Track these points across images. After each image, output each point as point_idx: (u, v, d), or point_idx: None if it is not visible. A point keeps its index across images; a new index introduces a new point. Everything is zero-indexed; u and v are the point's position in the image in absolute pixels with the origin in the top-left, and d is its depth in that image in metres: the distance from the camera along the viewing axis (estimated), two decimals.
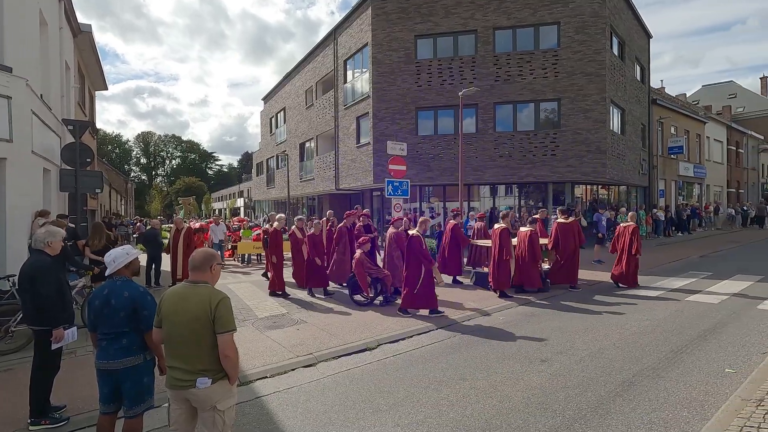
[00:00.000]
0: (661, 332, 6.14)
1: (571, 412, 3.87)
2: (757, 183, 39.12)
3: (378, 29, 17.80)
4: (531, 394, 4.24)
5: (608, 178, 17.40)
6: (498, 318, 7.23)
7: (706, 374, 4.63)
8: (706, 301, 7.94)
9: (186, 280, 2.67)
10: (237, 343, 5.97)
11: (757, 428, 3.29)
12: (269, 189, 32.45)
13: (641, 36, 21.98)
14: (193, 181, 76.65)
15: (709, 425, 3.44)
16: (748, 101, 44.56)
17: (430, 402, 4.16)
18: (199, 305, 2.50)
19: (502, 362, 5.18)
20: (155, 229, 11.29)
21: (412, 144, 16.75)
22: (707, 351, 5.35)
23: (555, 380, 4.57)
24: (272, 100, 32.02)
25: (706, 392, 4.20)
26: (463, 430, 3.63)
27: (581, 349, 5.53)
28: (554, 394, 4.23)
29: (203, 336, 2.50)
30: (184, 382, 2.51)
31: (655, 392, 4.23)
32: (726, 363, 4.94)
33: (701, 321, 6.66)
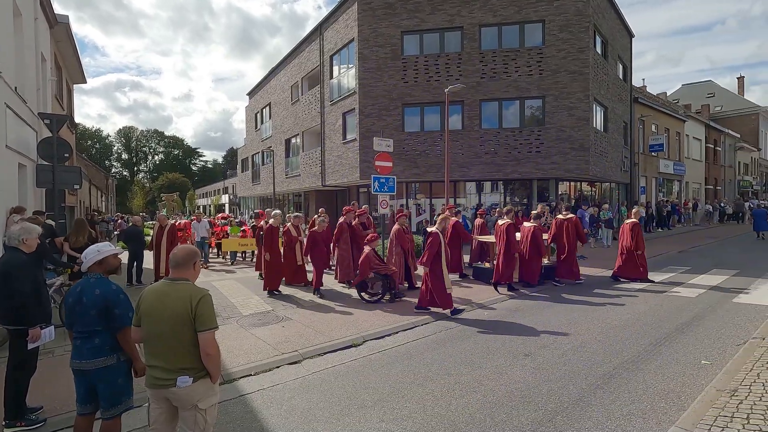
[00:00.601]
0: (641, 325, 6.28)
1: (552, 405, 3.93)
2: (734, 180, 40.26)
3: (364, 25, 17.71)
4: (514, 388, 4.30)
5: (591, 175, 17.69)
6: (483, 313, 7.29)
7: (684, 366, 4.76)
8: (685, 295, 8.14)
9: (166, 278, 2.62)
10: (221, 341, 5.90)
11: (731, 418, 3.39)
12: (254, 185, 32.11)
13: (623, 35, 22.33)
14: (176, 177, 75.37)
15: (685, 416, 3.53)
16: (725, 100, 45.77)
17: (415, 397, 4.18)
18: (180, 303, 2.46)
19: (487, 357, 5.23)
20: (137, 226, 11.08)
21: (399, 140, 16.76)
22: (685, 343, 5.50)
23: (538, 374, 4.64)
24: (257, 95, 31.63)
25: (683, 383, 4.31)
26: (447, 424, 3.66)
27: (564, 343, 5.62)
28: (537, 388, 4.30)
29: (184, 334, 2.45)
30: (164, 381, 2.47)
31: (634, 384, 4.32)
32: (702, 355, 5.08)
33: (679, 314, 6.83)
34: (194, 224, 13.63)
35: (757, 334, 5.48)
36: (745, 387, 3.92)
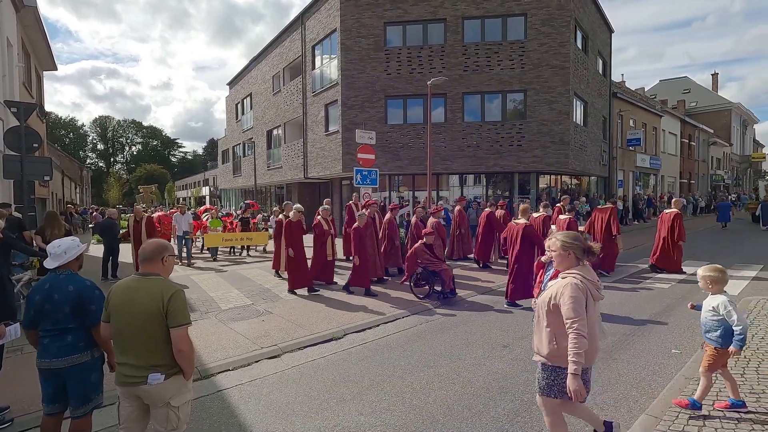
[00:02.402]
0: (614, 317, 6.43)
1: (529, 395, 4.00)
2: (707, 174, 41.53)
3: (347, 15, 17.47)
4: (492, 379, 4.36)
5: (571, 169, 17.97)
6: (464, 304, 7.36)
7: (655, 355, 4.90)
8: (658, 286, 8.38)
9: (136, 273, 2.54)
10: (198, 336, 5.80)
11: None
12: (236, 177, 31.60)
13: (603, 30, 22.63)
14: (155, 169, 73.59)
15: (654, 404, 3.64)
16: (700, 96, 47.03)
17: (394, 390, 4.20)
18: (151, 298, 2.39)
19: (466, 348, 5.29)
20: (112, 219, 10.76)
21: (382, 133, 16.67)
22: (657, 333, 5.66)
23: (515, 365, 4.71)
24: (238, 85, 31.00)
25: (654, 372, 4.45)
26: (425, 416, 3.69)
27: None
28: (514, 378, 4.37)
29: (155, 330, 2.39)
30: (135, 378, 2.40)
31: (608, 373, 4.43)
32: (673, 344, 5.24)
33: (652, 305, 7.03)
34: (176, 217, 12.90)
35: None
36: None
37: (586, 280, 2.61)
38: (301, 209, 8.58)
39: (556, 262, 2.80)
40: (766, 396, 3.63)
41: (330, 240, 8.70)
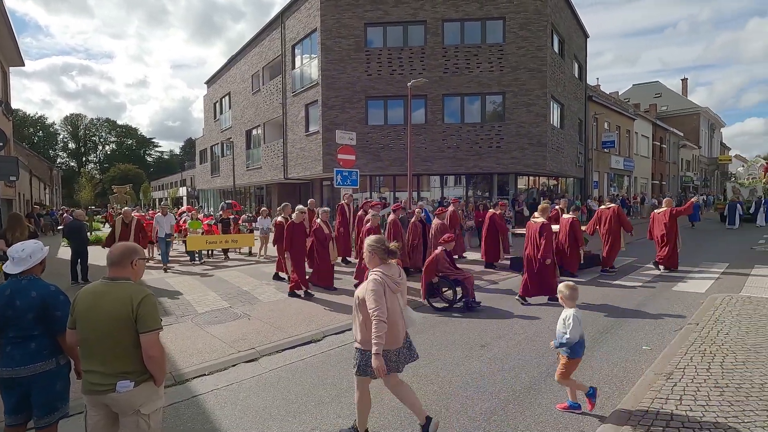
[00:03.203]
0: (590, 314, 6.58)
1: (505, 393, 4.06)
2: (677, 176, 43.04)
3: (327, 14, 17.41)
4: (470, 379, 4.40)
5: (548, 170, 18.35)
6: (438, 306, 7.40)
7: (626, 352, 5.04)
8: (630, 285, 8.62)
9: (103, 277, 2.46)
10: (174, 341, 5.68)
11: (666, 399, 3.62)
12: (214, 177, 31.05)
13: (579, 35, 23.20)
14: (129, 169, 71.53)
15: (625, 399, 3.74)
16: (671, 100, 48.72)
17: (372, 391, 4.15)
18: (119, 303, 2.32)
19: (445, 349, 5.32)
20: (80, 221, 10.40)
21: (362, 133, 16.67)
22: (628, 330, 5.82)
23: (493, 364, 4.77)
24: (216, 84, 30.47)
25: (625, 369, 4.57)
26: (403, 416, 3.70)
27: (519, 333, 5.81)
28: (491, 377, 4.42)
29: (124, 336, 2.32)
30: (103, 386, 2.33)
31: (582, 371, 4.52)
32: (643, 341, 5.40)
33: (625, 303, 7.23)
34: (158, 218, 12.02)
35: (692, 320, 5.89)
36: (680, 370, 4.20)
37: (386, 276, 3.05)
38: (304, 210, 8.26)
39: (365, 261, 3.22)
40: (729, 390, 3.77)
41: (331, 244, 8.56)
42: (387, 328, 2.90)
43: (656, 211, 10.45)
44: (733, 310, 6.15)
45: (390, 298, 3.03)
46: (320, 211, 8.88)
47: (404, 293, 3.27)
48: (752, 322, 5.59)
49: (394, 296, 3.09)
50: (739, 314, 5.96)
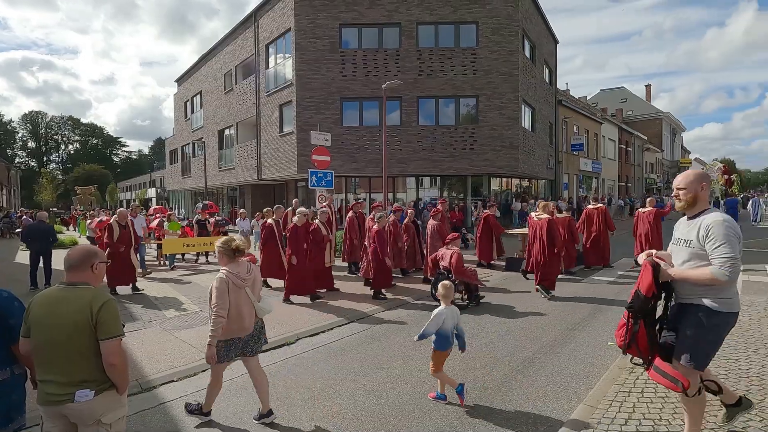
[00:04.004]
0: (559, 312, 6.78)
1: (477, 391, 4.13)
2: (642, 177, 44.85)
3: (301, 14, 17.27)
4: None
5: (521, 172, 18.78)
6: (418, 304, 7.46)
7: (593, 348, 5.22)
8: (598, 283, 8.93)
9: (61, 282, 2.36)
10: (140, 347, 5.50)
11: (629, 392, 3.77)
12: (185, 178, 30.24)
13: (549, 41, 23.86)
14: (94, 169, 68.74)
15: (591, 393, 3.87)
16: (636, 105, 50.76)
17: (346, 393, 4.18)
18: (77, 310, 2.22)
19: (419, 349, 5.35)
20: (44, 222, 9.94)
21: (337, 134, 16.61)
22: (595, 327, 6.03)
23: (466, 362, 4.84)
24: (187, 82, 29.71)
25: (591, 364, 4.73)
26: (377, 417, 3.70)
27: (491, 332, 5.92)
28: (464, 376, 4.48)
29: (82, 344, 2.23)
30: (60, 396, 2.23)
31: (550, 367, 4.66)
32: (608, 337, 5.59)
33: (593, 300, 7.47)
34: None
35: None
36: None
37: (231, 274, 3.42)
38: (306, 212, 8.03)
39: (217, 259, 3.60)
40: None
41: (329, 246, 8.42)
42: (226, 322, 3.36)
43: (641, 211, 10.89)
44: None
45: (235, 293, 3.40)
46: (319, 212, 8.72)
47: (255, 287, 3.58)
48: None
49: (240, 291, 3.44)
50: None
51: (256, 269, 3.67)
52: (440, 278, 7.17)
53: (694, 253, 2.61)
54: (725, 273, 2.45)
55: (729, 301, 2.58)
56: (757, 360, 4.39)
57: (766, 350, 4.64)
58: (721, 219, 2.54)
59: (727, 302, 2.57)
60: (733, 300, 2.60)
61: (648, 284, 2.63)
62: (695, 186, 2.68)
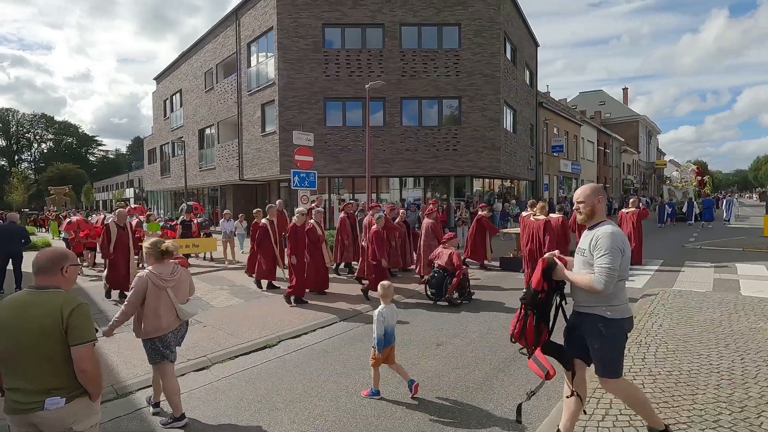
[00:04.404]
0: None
1: (459, 391, 4.16)
2: (619, 179, 45.95)
3: (284, 13, 17.12)
4: (425, 377, 4.46)
5: (502, 173, 19.02)
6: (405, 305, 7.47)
7: None
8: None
9: (29, 286, 2.27)
10: (117, 351, 5.37)
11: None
12: (164, 178, 29.62)
13: (530, 44, 24.24)
14: (69, 169, 66.73)
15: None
16: (613, 108, 52.01)
17: (328, 395, 4.16)
18: (46, 314, 2.14)
19: (402, 348, 5.35)
20: (14, 224, 9.58)
21: (320, 134, 16.52)
22: None
23: (447, 362, 4.87)
24: (166, 80, 29.11)
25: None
26: (359, 418, 3.69)
27: (473, 331, 5.97)
28: (446, 376, 4.51)
29: (52, 350, 2.15)
30: (29, 405, 2.14)
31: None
32: None
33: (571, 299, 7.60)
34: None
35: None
36: None
37: (153, 274, 3.53)
38: (304, 212, 7.93)
39: (145, 260, 3.74)
40: (662, 377, 4.07)
41: (325, 246, 8.34)
42: (143, 321, 3.53)
43: (624, 211, 11.31)
44: (666, 304, 6.65)
45: (155, 293, 3.49)
46: (314, 212, 8.62)
47: (179, 289, 3.65)
48: (682, 314, 6.06)
49: (161, 291, 3.52)
50: (671, 307, 6.45)
51: (184, 272, 3.77)
52: (435, 277, 7.39)
53: (585, 261, 2.80)
54: (601, 281, 2.60)
55: (619, 308, 2.75)
56: (728, 355, 4.55)
57: (735, 346, 4.81)
58: (609, 231, 2.70)
59: (618, 309, 2.74)
60: (624, 306, 2.78)
61: (537, 279, 2.84)
62: (593, 199, 2.85)
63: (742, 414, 3.35)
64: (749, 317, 5.83)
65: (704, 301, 6.72)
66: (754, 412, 3.37)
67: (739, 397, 3.61)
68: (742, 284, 8.38)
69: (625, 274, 2.73)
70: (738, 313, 6.02)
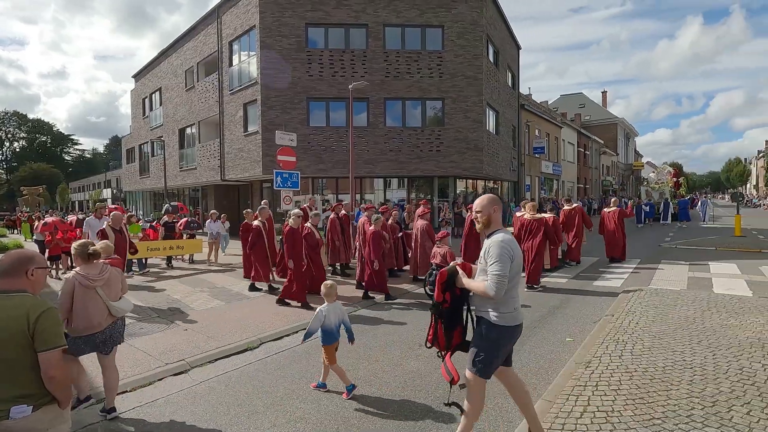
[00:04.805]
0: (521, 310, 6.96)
1: (441, 391, 4.16)
2: (599, 180, 46.95)
3: (266, 12, 16.94)
4: (407, 379, 4.46)
5: (485, 174, 19.21)
6: (382, 303, 7.47)
7: (552, 344, 5.39)
8: (555, 281, 9.25)
9: None
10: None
11: (584, 386, 3.92)
12: (143, 178, 28.97)
13: (512, 47, 24.57)
14: (43, 168, 64.68)
15: (549, 388, 4.00)
16: (593, 111, 53.10)
17: (310, 398, 4.12)
18: (12, 318, 2.06)
19: (385, 350, 5.36)
20: None
21: (304, 135, 16.40)
22: (554, 324, 6.24)
23: (430, 363, 4.87)
24: (145, 78, 28.49)
25: (551, 360, 4.88)
26: (340, 421, 3.67)
27: None
28: (429, 376, 4.52)
29: (18, 356, 2.07)
30: None
31: (514, 364, 4.76)
32: (567, 333, 5.81)
33: (551, 299, 7.73)
34: (90, 222, 9.94)
35: (608, 312, 6.43)
36: (597, 358, 4.57)
37: (80, 275, 3.71)
38: (301, 214, 7.78)
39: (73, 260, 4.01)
40: (638, 374, 4.16)
41: (323, 249, 8.31)
42: (70, 320, 3.65)
43: (606, 211, 12.01)
44: (643, 302, 6.81)
45: (83, 293, 3.65)
46: (312, 215, 8.52)
47: (110, 287, 3.81)
48: (657, 312, 6.22)
49: (89, 291, 3.67)
50: (647, 305, 6.61)
51: (115, 271, 3.94)
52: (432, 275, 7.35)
53: (482, 269, 2.92)
54: (492, 288, 2.73)
55: (507, 315, 2.85)
56: (700, 351, 4.68)
57: (708, 342, 4.95)
58: (499, 240, 2.81)
59: (505, 316, 2.85)
60: (512, 314, 2.88)
61: (437, 292, 3.00)
62: (489, 209, 2.98)
63: (713, 409, 3.45)
64: (721, 314, 6.02)
65: (679, 299, 6.91)
66: (724, 406, 3.48)
67: (710, 392, 3.72)
68: (715, 282, 8.66)
69: (516, 278, 2.88)
70: (710, 311, 6.20)
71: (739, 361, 4.37)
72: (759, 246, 13.47)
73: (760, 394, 3.65)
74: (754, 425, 3.18)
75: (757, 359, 4.40)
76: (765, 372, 4.09)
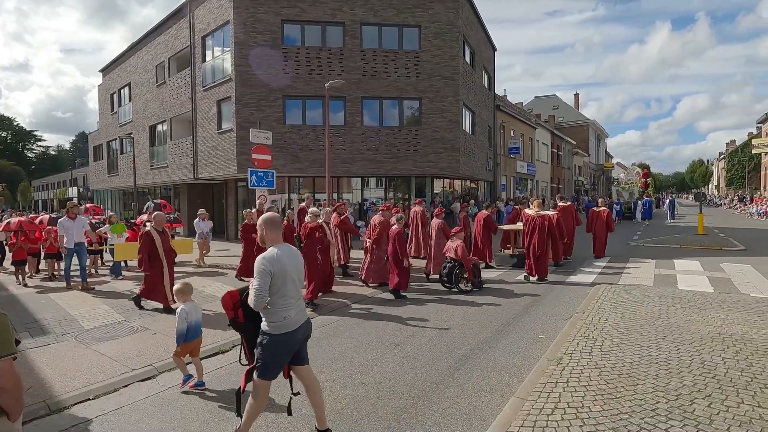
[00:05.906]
0: (495, 309, 7.06)
1: (416, 391, 4.17)
2: (571, 180, 48.20)
3: (241, 7, 16.59)
4: (382, 379, 4.44)
5: (462, 174, 19.40)
6: (371, 302, 7.43)
7: (526, 342, 5.48)
8: (530, 280, 9.42)
9: None
10: (50, 363, 4.99)
11: (556, 383, 3.99)
12: (111, 176, 27.94)
13: (488, 48, 24.89)
14: (3, 165, 61.58)
15: (522, 386, 4.05)
16: (566, 113, 54.45)
17: (283, 400, 4.03)
18: None
19: (360, 350, 5.33)
20: None
21: (280, 133, 16.16)
22: (528, 322, 6.34)
23: (405, 363, 4.87)
24: (114, 72, 27.46)
25: (524, 357, 4.96)
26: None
27: (430, 330, 6.02)
28: (403, 376, 4.51)
29: None
30: None
31: (486, 362, 4.82)
32: (540, 330, 5.91)
33: (525, 297, 7.87)
34: (63, 223, 8.90)
35: (579, 309, 6.59)
36: (568, 355, 4.66)
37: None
38: (317, 212, 7.72)
39: None
40: (607, 370, 4.27)
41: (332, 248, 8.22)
42: None
43: (595, 209, 12.56)
44: (612, 299, 7.01)
45: None
46: (322, 212, 8.37)
47: None
48: (625, 308, 6.41)
49: None
50: (616, 302, 6.81)
51: None
52: (447, 267, 8.29)
53: None
54: (252, 300, 3.01)
55: (275, 324, 3.09)
56: (665, 346, 4.84)
57: (672, 337, 5.13)
58: (260, 257, 3.06)
59: (273, 325, 3.09)
60: (282, 323, 3.10)
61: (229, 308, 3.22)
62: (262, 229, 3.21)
63: (677, 402, 3.56)
64: (684, 310, 6.25)
65: (645, 296, 7.14)
66: (687, 399, 3.60)
67: (674, 386, 3.84)
68: (679, 279, 9.00)
69: (283, 290, 3.06)
70: (675, 307, 6.44)
71: (701, 355, 4.54)
72: (720, 244, 14.10)
73: (720, 387, 3.79)
74: (715, 417, 3.31)
75: (717, 353, 4.59)
76: (724, 365, 4.27)
